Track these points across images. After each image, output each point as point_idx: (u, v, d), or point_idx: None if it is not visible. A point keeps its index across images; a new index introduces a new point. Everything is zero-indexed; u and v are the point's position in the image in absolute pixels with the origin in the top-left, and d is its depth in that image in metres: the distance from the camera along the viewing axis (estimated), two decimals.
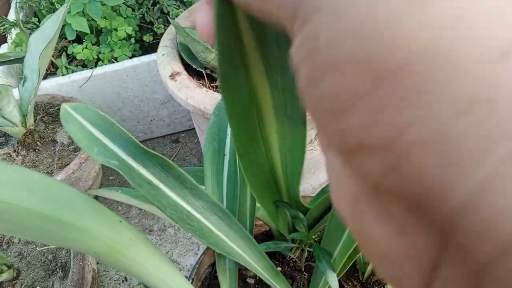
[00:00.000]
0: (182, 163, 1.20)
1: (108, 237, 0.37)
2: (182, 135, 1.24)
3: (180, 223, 0.43)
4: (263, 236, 0.65)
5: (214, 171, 0.53)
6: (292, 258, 0.60)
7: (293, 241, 0.54)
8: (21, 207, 0.32)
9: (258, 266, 0.48)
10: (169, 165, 0.44)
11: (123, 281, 0.98)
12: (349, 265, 0.47)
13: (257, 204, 0.56)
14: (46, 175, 0.32)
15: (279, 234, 0.56)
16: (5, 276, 0.69)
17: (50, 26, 0.79)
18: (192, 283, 0.55)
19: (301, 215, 0.48)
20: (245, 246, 0.48)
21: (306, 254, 0.60)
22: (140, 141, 1.38)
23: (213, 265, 0.61)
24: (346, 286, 0.56)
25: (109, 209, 0.38)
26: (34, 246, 0.77)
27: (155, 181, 0.43)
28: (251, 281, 0.59)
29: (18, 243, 0.78)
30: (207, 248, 0.59)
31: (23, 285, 0.71)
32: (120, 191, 0.55)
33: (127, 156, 0.42)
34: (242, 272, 0.59)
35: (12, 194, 0.32)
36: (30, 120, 0.81)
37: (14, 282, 0.72)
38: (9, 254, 0.76)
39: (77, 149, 0.86)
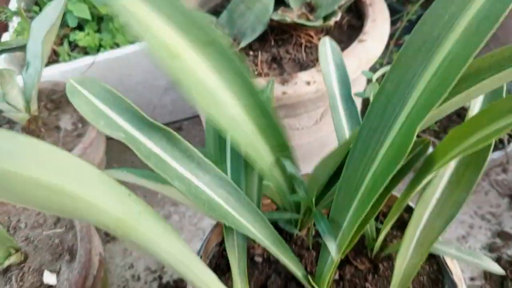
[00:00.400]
0: None
1: (117, 210, 0.37)
2: (185, 123, 1.23)
3: (188, 196, 0.43)
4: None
5: (216, 147, 0.53)
6: (299, 236, 0.60)
7: (297, 211, 0.54)
8: (29, 177, 0.32)
9: (266, 240, 0.48)
10: (176, 138, 0.44)
11: (129, 267, 0.98)
12: (357, 238, 0.46)
13: (264, 182, 0.56)
14: (55, 146, 0.32)
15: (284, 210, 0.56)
16: (13, 259, 0.69)
17: (52, 11, 0.78)
18: None
19: (300, 177, 0.48)
20: (253, 220, 0.48)
21: (313, 231, 0.60)
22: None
23: (220, 244, 0.61)
24: (354, 263, 0.56)
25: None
26: (41, 230, 0.77)
27: (162, 154, 0.43)
28: (258, 259, 0.59)
29: (25, 228, 0.78)
30: (215, 226, 0.59)
31: (31, 269, 0.71)
32: (126, 171, 0.55)
33: (134, 129, 0.42)
34: (250, 251, 0.59)
35: (20, 164, 0.31)
36: (34, 106, 0.80)
37: (21, 265, 0.72)
38: (16, 238, 0.76)
39: (80, 135, 0.86)
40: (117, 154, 1.07)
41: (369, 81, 0.68)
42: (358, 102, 0.84)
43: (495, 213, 0.97)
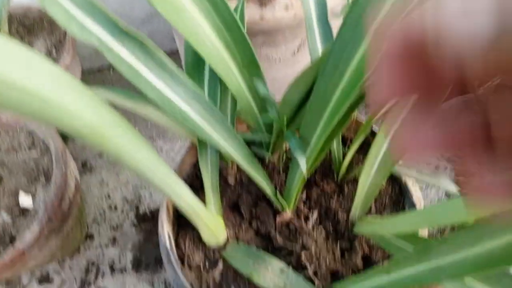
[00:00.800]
0: None
1: (91, 116, 0.37)
2: None
3: (161, 106, 0.44)
4: None
5: (195, 66, 0.53)
6: (271, 162, 0.62)
7: (269, 132, 0.55)
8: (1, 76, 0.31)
9: (238, 155, 0.49)
10: (150, 48, 0.44)
11: (106, 198, 0.99)
12: (324, 154, 0.48)
13: (238, 107, 0.57)
14: (29, 49, 0.32)
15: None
16: None
17: None
18: None
19: (272, 98, 0.49)
20: (227, 136, 0.49)
21: (284, 157, 0.62)
22: None
23: (195, 165, 0.62)
24: (321, 185, 0.59)
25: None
26: (15, 154, 0.77)
27: (135, 62, 0.43)
28: (231, 181, 0.61)
29: None
30: (189, 148, 0.60)
31: (6, 191, 0.72)
32: (101, 88, 0.55)
33: (107, 35, 0.42)
34: (223, 173, 0.61)
35: None
36: (5, 28, 0.78)
37: None
38: None
39: (55, 61, 0.84)
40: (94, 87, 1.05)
41: None
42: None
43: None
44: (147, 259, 0.89)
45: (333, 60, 0.43)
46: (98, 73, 1.30)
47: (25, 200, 0.71)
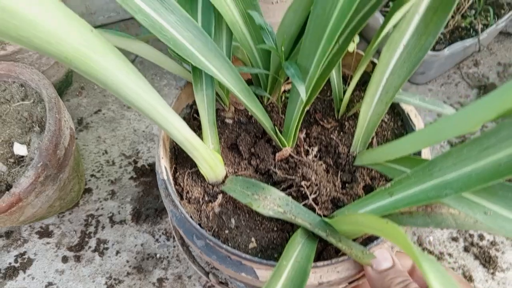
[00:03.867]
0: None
1: (79, 42, 0.35)
2: None
3: (152, 30, 0.42)
4: None
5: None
6: (270, 103, 0.60)
7: (267, 68, 0.54)
8: None
9: (234, 88, 0.48)
10: None
11: (103, 153, 0.98)
12: (323, 83, 0.47)
13: (234, 43, 0.55)
14: None
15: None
16: None
17: None
18: None
19: (269, 28, 0.47)
20: (221, 66, 0.47)
21: (283, 97, 0.61)
22: (113, 22, 1.31)
23: (191, 106, 0.61)
24: (321, 123, 0.57)
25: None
26: (8, 105, 0.75)
27: None
28: (229, 121, 0.59)
29: None
30: (184, 86, 0.58)
31: (0, 141, 0.71)
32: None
33: None
34: (220, 114, 0.60)
35: None
36: None
37: None
38: None
39: None
40: None
41: None
42: None
43: (464, 103, 0.99)
44: (147, 210, 0.89)
45: None
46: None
47: (19, 149, 0.70)
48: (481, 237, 0.83)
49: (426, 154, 0.50)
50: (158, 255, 0.83)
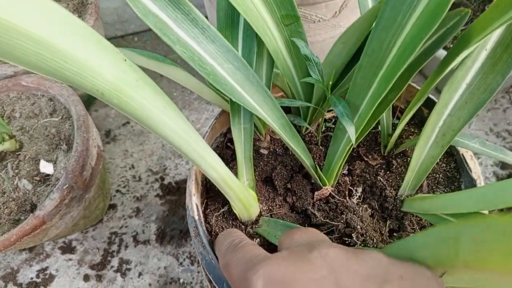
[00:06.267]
0: None
1: (112, 74, 0.32)
2: None
3: (191, 63, 0.39)
4: None
5: (228, 22, 0.47)
6: (308, 132, 0.56)
7: (308, 99, 0.50)
8: (16, 26, 0.26)
9: (275, 123, 0.44)
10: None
11: (130, 168, 0.96)
12: (374, 123, 0.42)
13: (275, 70, 0.51)
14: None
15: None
16: (7, 146, 0.67)
17: None
18: None
19: (315, 58, 0.43)
20: (262, 101, 0.43)
21: (323, 127, 0.56)
22: (144, 30, 1.28)
23: (225, 134, 0.57)
24: (365, 159, 0.53)
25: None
26: (37, 120, 0.73)
27: (162, 14, 0.38)
28: (264, 151, 0.55)
29: (20, 117, 0.74)
30: (220, 114, 0.55)
31: (27, 157, 0.69)
32: (124, 49, 0.50)
33: None
34: (255, 143, 0.56)
35: (6, 9, 0.26)
36: None
37: (17, 153, 0.69)
38: (11, 128, 0.73)
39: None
40: None
41: None
42: None
43: (511, 131, 0.93)
44: (172, 231, 0.86)
45: (391, 12, 0.37)
46: (122, 40, 1.26)
47: (46, 167, 0.68)
48: None
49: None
50: (181, 280, 0.80)
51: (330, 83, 0.44)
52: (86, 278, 0.82)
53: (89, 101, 1.04)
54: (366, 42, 0.39)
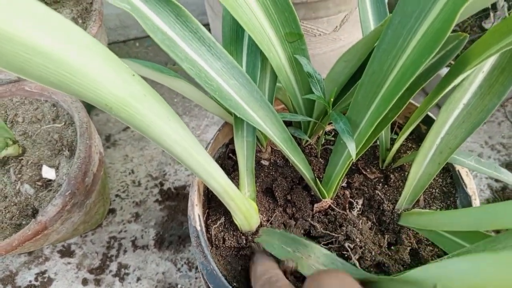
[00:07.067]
0: None
1: (120, 89, 0.33)
2: None
3: (198, 80, 0.40)
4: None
5: (233, 37, 0.49)
6: (308, 144, 0.57)
7: (309, 113, 0.51)
8: (26, 40, 0.27)
9: (277, 137, 0.45)
10: (186, 15, 0.40)
11: (129, 173, 0.97)
12: (374, 140, 0.44)
13: (277, 84, 0.52)
14: (56, 12, 0.28)
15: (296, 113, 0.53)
16: (10, 151, 0.67)
17: None
18: None
19: (318, 75, 0.44)
20: (265, 116, 0.44)
21: (322, 140, 0.58)
22: (146, 36, 1.28)
23: (227, 145, 0.58)
24: (364, 172, 0.54)
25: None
26: (39, 125, 0.74)
27: (170, 32, 0.39)
28: (265, 163, 0.56)
29: (22, 122, 0.75)
30: (223, 126, 0.56)
31: (29, 162, 0.70)
32: (130, 60, 0.51)
33: (139, 0, 0.38)
34: (256, 155, 0.57)
35: (16, 25, 0.26)
36: None
37: (20, 158, 0.70)
38: (14, 133, 0.74)
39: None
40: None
41: None
42: None
43: (506, 144, 0.94)
44: (170, 237, 0.87)
45: (392, 35, 0.38)
46: (123, 45, 1.27)
47: (48, 173, 0.68)
48: None
49: None
50: (179, 286, 0.81)
51: (332, 99, 0.45)
52: (85, 282, 0.82)
53: (89, 105, 1.05)
54: (368, 60, 0.40)
